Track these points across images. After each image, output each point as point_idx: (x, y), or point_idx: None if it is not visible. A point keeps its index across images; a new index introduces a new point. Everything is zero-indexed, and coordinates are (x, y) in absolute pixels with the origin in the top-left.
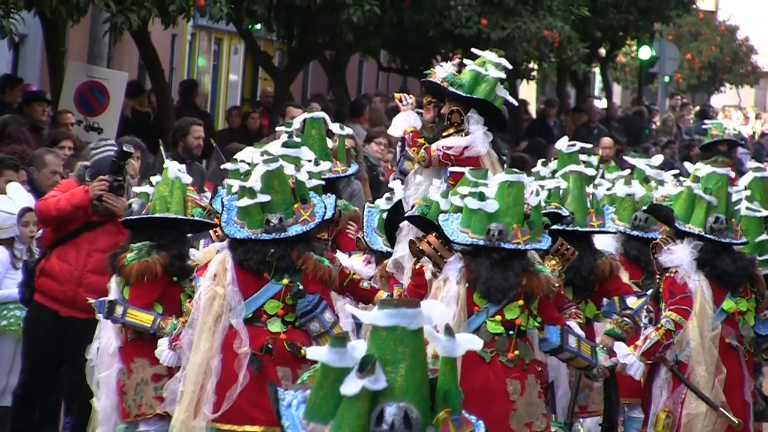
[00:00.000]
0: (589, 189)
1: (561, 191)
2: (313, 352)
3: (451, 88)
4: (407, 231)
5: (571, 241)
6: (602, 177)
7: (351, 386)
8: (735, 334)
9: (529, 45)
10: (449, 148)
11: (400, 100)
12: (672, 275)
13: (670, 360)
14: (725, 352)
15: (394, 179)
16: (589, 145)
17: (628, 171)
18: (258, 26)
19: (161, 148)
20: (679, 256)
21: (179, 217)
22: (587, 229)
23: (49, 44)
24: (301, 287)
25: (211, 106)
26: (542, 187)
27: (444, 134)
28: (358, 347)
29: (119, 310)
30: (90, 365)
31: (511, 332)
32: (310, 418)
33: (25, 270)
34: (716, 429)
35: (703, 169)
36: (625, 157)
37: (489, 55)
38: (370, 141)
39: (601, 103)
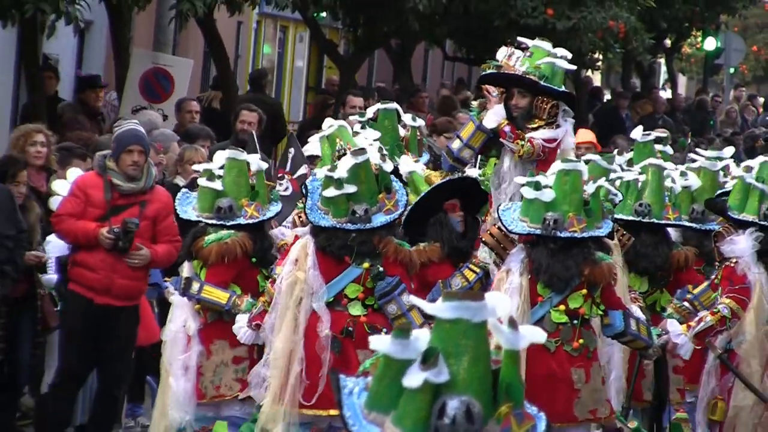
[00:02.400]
0: (667, 183)
1: (639, 183)
2: (376, 342)
3: (542, 82)
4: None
5: (647, 233)
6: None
7: (414, 379)
8: None
9: (594, 35)
10: (549, 140)
11: (488, 92)
12: (732, 265)
13: (720, 347)
14: None
15: (448, 169)
16: (665, 134)
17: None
18: (323, 14)
19: (291, 137)
20: (741, 247)
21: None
22: (663, 222)
23: (115, 31)
24: (381, 269)
25: (275, 94)
26: (621, 179)
27: (530, 127)
28: (422, 339)
29: (195, 286)
30: (164, 347)
31: (575, 321)
32: (372, 408)
33: (58, 268)
34: (763, 422)
35: (756, 159)
36: (697, 150)
37: (545, 45)
38: (437, 131)
39: (665, 94)
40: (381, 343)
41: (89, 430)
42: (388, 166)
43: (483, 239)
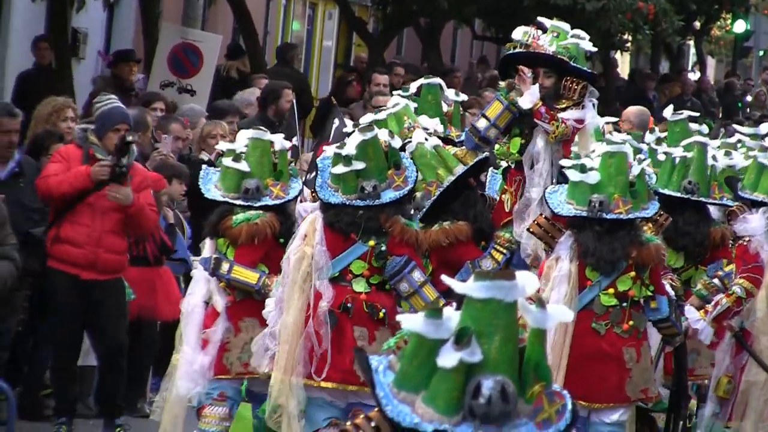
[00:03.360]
0: (709, 161)
1: (686, 159)
2: (408, 321)
3: (572, 63)
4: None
5: (690, 209)
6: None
7: (448, 359)
8: None
9: (623, 16)
10: (578, 121)
11: (523, 72)
12: (745, 243)
13: (735, 326)
14: None
15: (472, 148)
16: (696, 114)
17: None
18: None
19: (335, 108)
20: (753, 226)
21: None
22: (708, 201)
23: (144, 6)
24: (384, 248)
25: (304, 70)
26: (669, 154)
27: (558, 107)
28: (454, 318)
29: (225, 266)
30: (182, 319)
31: (624, 303)
32: (401, 387)
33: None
34: None
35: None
36: (735, 126)
37: (564, 26)
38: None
39: (694, 76)
40: (413, 322)
41: (99, 403)
42: (397, 143)
43: (530, 229)
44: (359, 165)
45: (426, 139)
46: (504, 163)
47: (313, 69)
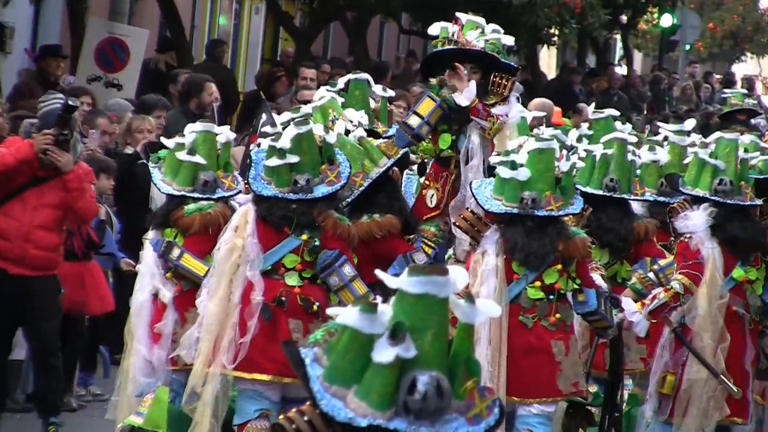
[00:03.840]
0: (629, 156)
1: (606, 157)
2: (343, 315)
3: (502, 59)
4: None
5: (612, 205)
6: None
7: (384, 354)
8: (742, 302)
9: (550, 10)
10: (506, 116)
11: (459, 69)
12: (686, 240)
13: (674, 322)
14: (731, 321)
15: (404, 145)
16: (617, 113)
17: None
18: None
19: (263, 103)
20: (694, 222)
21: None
22: (631, 197)
23: (71, 0)
24: (317, 243)
25: (231, 65)
26: (590, 152)
27: (487, 103)
28: (387, 313)
29: (176, 252)
30: (131, 315)
31: (551, 296)
32: (332, 381)
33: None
34: (716, 396)
35: (712, 135)
36: (659, 124)
37: (480, 20)
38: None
39: (621, 70)
40: (347, 316)
41: (36, 401)
42: (332, 138)
43: (455, 223)
44: (293, 158)
45: (348, 132)
46: (417, 160)
47: (240, 63)
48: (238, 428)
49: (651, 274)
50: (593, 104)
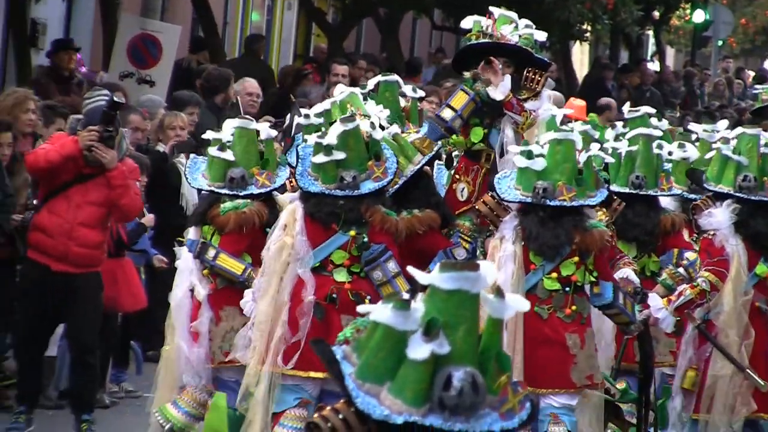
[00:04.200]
0: (656, 150)
1: (632, 153)
2: (375, 313)
3: (535, 54)
4: None
5: (639, 201)
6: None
7: (419, 351)
8: (765, 299)
9: (583, 6)
10: (537, 111)
11: (495, 63)
12: (710, 237)
13: (698, 318)
14: (754, 317)
15: (437, 138)
16: (653, 110)
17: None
18: None
19: (293, 104)
20: (718, 219)
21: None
22: (657, 193)
23: None
24: (366, 239)
25: (264, 60)
26: (616, 149)
27: (520, 98)
28: (419, 309)
29: (211, 252)
30: (171, 312)
31: (567, 288)
32: (365, 379)
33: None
34: (742, 391)
35: (734, 131)
36: (691, 125)
37: (513, 15)
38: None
39: (653, 66)
40: (381, 313)
41: (70, 398)
42: (378, 134)
43: (477, 207)
44: (339, 155)
45: (383, 128)
46: (444, 154)
47: (272, 59)
48: (276, 416)
49: (681, 270)
50: (628, 103)
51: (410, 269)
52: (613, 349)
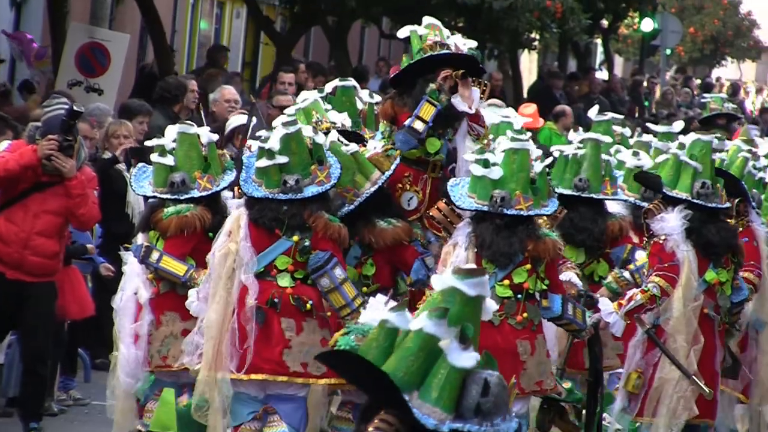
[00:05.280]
0: (604, 156)
1: (578, 156)
2: (417, 322)
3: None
4: None
5: (586, 206)
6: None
7: (464, 358)
8: (713, 304)
9: (531, 15)
10: None
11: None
12: (660, 242)
13: (648, 322)
14: (702, 322)
15: (410, 148)
16: (620, 116)
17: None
18: None
19: (254, 107)
20: (671, 225)
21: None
22: (601, 197)
23: (52, 4)
24: (307, 244)
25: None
26: (561, 152)
27: None
28: (446, 318)
29: (155, 255)
30: (115, 315)
31: (519, 296)
32: (408, 389)
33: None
34: (686, 396)
35: (688, 136)
36: (648, 125)
37: (438, 22)
38: None
39: (601, 75)
40: (420, 323)
41: (18, 406)
42: (321, 139)
43: (431, 213)
44: (282, 159)
45: (348, 136)
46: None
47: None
48: (233, 430)
49: (627, 274)
50: (596, 107)
51: (434, 279)
52: (556, 352)
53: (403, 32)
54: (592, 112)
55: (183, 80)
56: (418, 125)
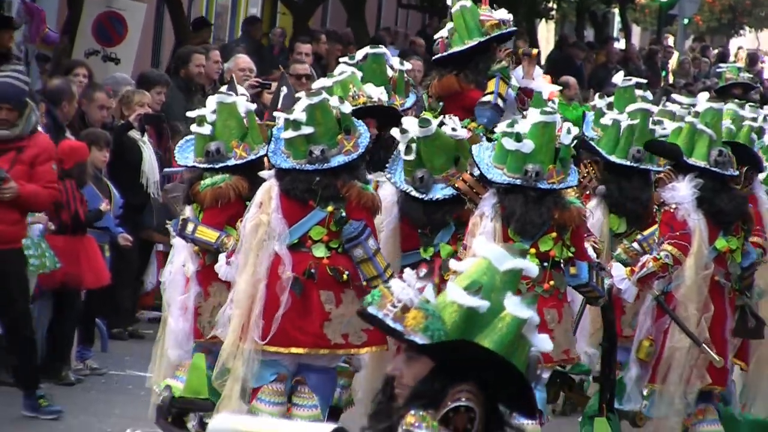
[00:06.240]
0: (650, 126)
1: (632, 127)
2: (510, 304)
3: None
4: None
5: (637, 177)
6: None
7: (545, 341)
8: (723, 272)
9: None
10: None
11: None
12: (672, 210)
13: (657, 290)
14: (713, 290)
15: (491, 118)
16: (644, 81)
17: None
18: None
19: (283, 76)
20: (682, 193)
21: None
22: (655, 168)
23: None
24: (344, 214)
25: (229, 39)
26: (615, 120)
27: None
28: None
29: (190, 227)
30: (163, 288)
31: (545, 264)
32: None
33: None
34: (698, 364)
35: (700, 104)
36: (674, 96)
37: None
38: None
39: (619, 44)
40: (515, 306)
41: (16, 376)
42: (347, 108)
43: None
44: (308, 129)
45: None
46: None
47: (238, 37)
48: (254, 391)
49: (635, 245)
50: (621, 72)
51: (478, 247)
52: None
53: (455, 7)
54: (618, 78)
55: (185, 49)
56: (501, 102)
